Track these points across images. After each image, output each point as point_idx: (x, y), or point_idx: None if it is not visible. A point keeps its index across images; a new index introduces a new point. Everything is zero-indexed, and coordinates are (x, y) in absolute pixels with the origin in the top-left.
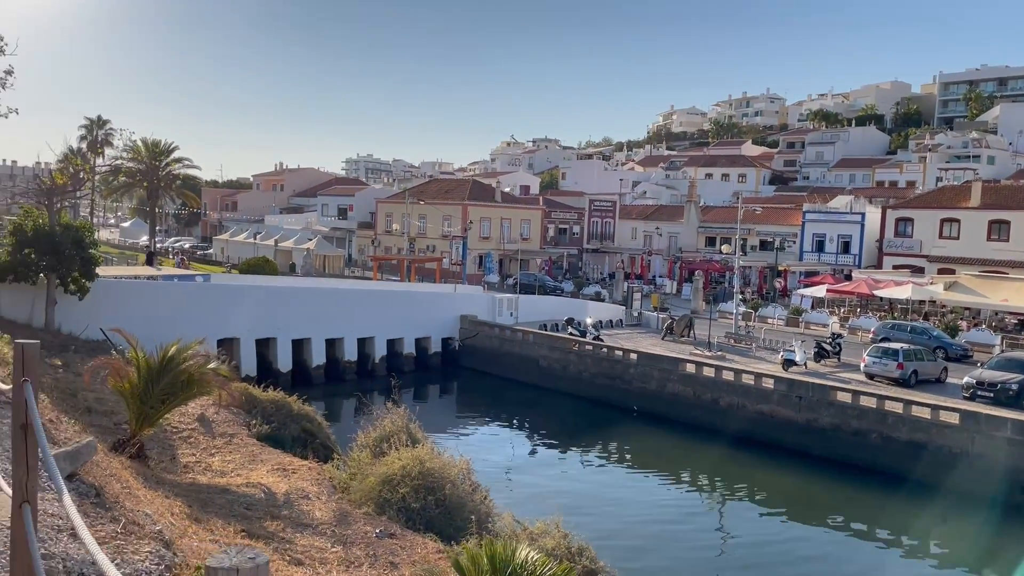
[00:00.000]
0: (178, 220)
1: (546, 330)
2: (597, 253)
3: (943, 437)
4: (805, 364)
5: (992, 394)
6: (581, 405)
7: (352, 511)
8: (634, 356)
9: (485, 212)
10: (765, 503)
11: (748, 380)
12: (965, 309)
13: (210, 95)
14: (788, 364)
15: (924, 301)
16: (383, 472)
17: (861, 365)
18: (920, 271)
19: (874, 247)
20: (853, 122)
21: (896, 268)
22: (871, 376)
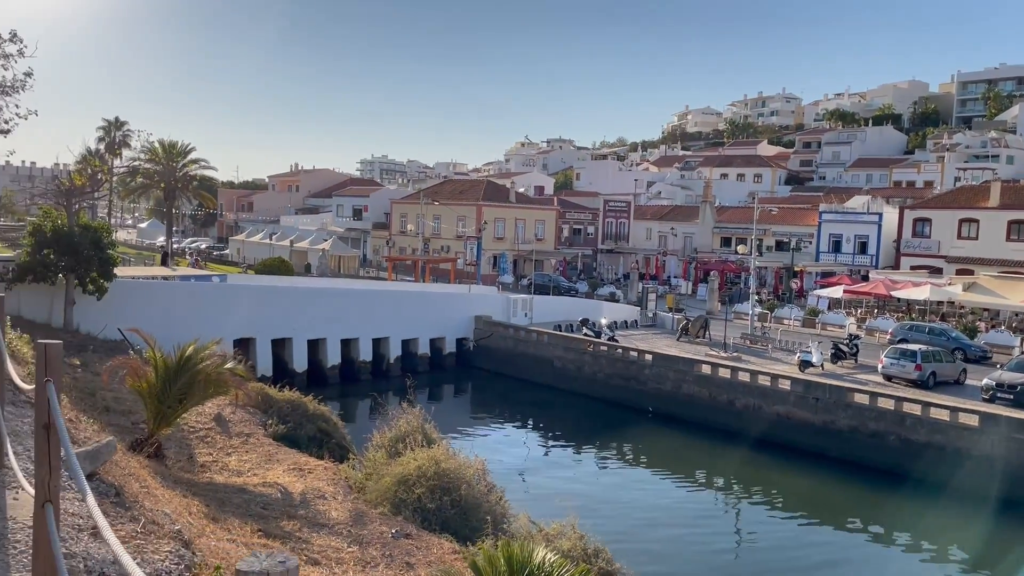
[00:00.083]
0: (195, 221)
1: (560, 331)
2: (612, 254)
3: (962, 439)
4: (822, 365)
5: (1012, 396)
6: (596, 406)
7: (368, 511)
8: (649, 357)
9: (499, 212)
10: (782, 505)
11: (764, 381)
12: (984, 310)
13: (227, 96)
14: (805, 365)
15: (942, 302)
16: (399, 472)
17: (879, 366)
18: (938, 272)
19: (891, 248)
20: (870, 122)
21: (914, 269)
22: (889, 378)
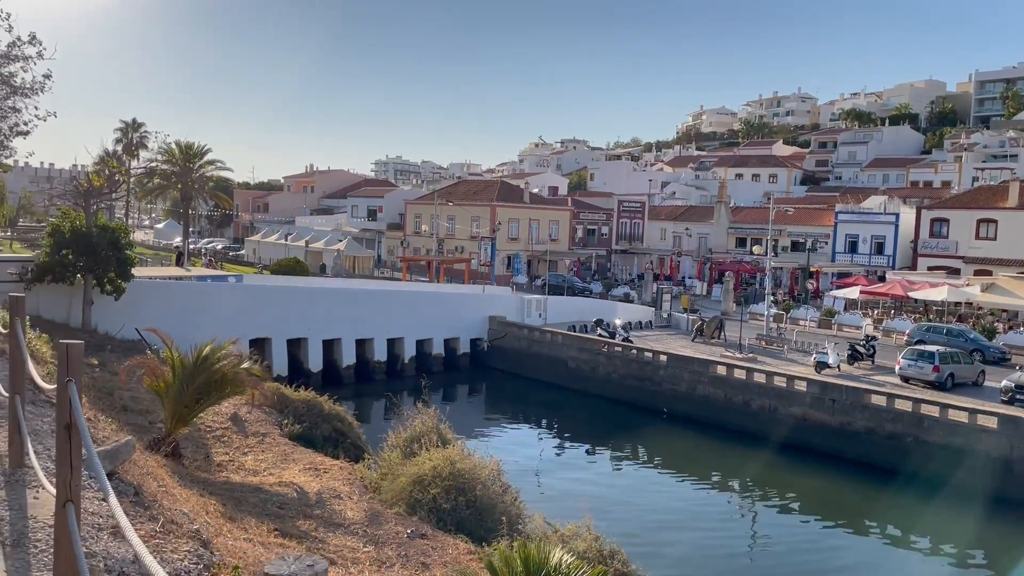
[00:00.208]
0: (211, 221)
1: (575, 331)
2: (626, 254)
3: (980, 441)
4: (838, 367)
5: None
6: (610, 407)
7: (383, 511)
8: (664, 358)
9: (513, 213)
10: (798, 508)
11: (780, 382)
12: (1002, 311)
13: (243, 98)
14: (821, 366)
15: (960, 303)
16: (414, 472)
17: (896, 368)
18: (956, 272)
19: (908, 248)
20: (886, 121)
21: (931, 269)
22: (906, 379)
